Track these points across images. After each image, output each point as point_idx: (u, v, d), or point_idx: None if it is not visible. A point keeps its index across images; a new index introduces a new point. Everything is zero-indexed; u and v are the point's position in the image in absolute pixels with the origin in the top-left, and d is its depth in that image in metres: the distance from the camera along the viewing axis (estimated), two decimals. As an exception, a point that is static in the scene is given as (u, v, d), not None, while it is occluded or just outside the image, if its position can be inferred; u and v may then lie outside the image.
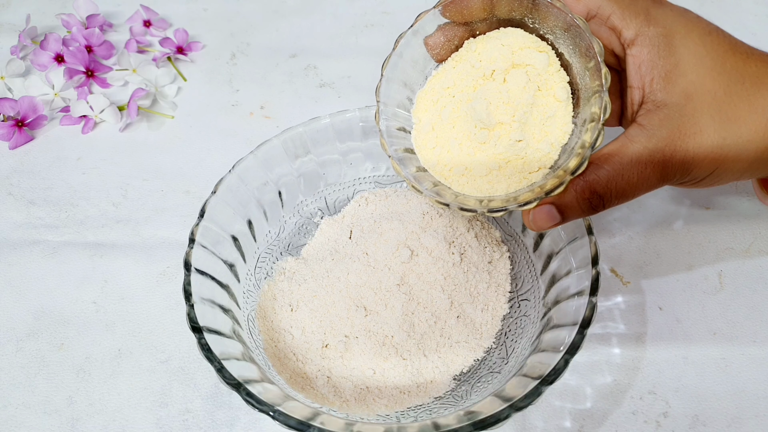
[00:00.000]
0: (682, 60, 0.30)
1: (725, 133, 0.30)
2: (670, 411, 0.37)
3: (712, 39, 0.31)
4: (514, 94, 0.32)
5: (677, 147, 0.30)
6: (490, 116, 0.32)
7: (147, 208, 0.49)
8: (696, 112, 0.30)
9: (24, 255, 0.46)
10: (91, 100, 0.55)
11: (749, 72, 0.30)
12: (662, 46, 0.30)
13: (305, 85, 0.59)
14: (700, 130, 0.30)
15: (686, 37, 0.30)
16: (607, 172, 0.30)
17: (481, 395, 0.33)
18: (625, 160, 0.30)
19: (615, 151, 0.30)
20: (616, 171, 0.30)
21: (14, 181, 0.52)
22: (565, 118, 0.31)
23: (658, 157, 0.30)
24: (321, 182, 0.44)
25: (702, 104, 0.30)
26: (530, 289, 0.39)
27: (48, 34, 0.59)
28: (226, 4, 0.68)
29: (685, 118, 0.29)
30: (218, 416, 0.37)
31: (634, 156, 0.30)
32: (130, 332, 0.41)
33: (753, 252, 0.44)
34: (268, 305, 0.39)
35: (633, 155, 0.30)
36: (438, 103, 0.35)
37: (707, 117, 0.30)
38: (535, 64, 0.32)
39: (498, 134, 0.32)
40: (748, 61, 0.31)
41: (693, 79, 0.30)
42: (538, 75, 0.32)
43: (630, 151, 0.30)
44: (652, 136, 0.30)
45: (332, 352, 0.36)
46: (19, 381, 0.39)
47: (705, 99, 0.30)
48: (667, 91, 0.30)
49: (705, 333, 0.40)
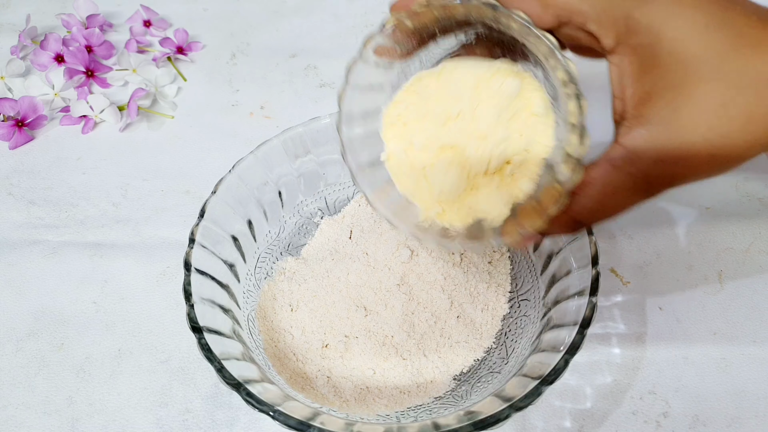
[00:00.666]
0: (670, 71, 0.25)
1: (719, 149, 0.26)
2: (670, 411, 0.37)
3: (712, 34, 0.25)
4: (487, 129, 0.29)
5: (665, 172, 0.26)
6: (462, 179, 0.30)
7: (147, 208, 0.49)
8: (685, 128, 0.26)
9: (24, 255, 0.46)
10: (91, 100, 0.55)
11: (754, 68, 0.25)
12: (646, 58, 0.26)
13: (305, 85, 0.59)
14: (688, 151, 0.26)
15: (676, 39, 0.25)
16: (590, 201, 0.28)
17: (481, 395, 0.33)
18: (609, 190, 0.27)
19: (598, 179, 0.27)
20: (598, 201, 0.27)
21: (14, 181, 0.52)
22: (546, 132, 0.29)
23: (642, 184, 0.27)
24: (321, 182, 0.44)
25: (692, 117, 0.25)
26: (530, 289, 0.39)
27: (48, 34, 0.59)
28: (226, 4, 0.68)
29: (672, 139, 0.26)
30: (218, 416, 0.37)
31: (617, 185, 0.27)
32: (130, 332, 0.41)
33: (753, 252, 0.44)
34: (268, 305, 0.39)
35: (616, 183, 0.27)
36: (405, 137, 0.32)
37: (698, 133, 0.26)
38: (505, 93, 0.29)
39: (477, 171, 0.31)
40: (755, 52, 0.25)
41: (682, 91, 0.25)
42: (510, 101, 0.29)
43: (613, 180, 0.27)
44: (635, 161, 0.26)
45: (332, 352, 0.36)
46: (19, 381, 0.39)
47: (695, 109, 0.25)
48: (651, 106, 0.26)
49: (705, 333, 0.40)
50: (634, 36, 0.25)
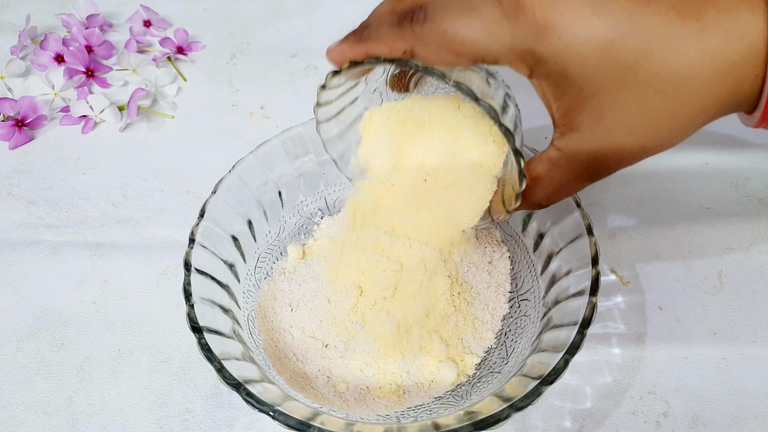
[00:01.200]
0: (584, 87, 0.27)
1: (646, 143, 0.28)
2: (670, 411, 0.37)
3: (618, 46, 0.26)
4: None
5: (599, 165, 0.29)
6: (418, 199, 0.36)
7: (147, 208, 0.49)
8: (610, 132, 0.28)
9: (24, 255, 0.46)
10: (91, 100, 0.55)
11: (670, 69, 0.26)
12: (560, 80, 0.27)
13: (305, 85, 0.59)
14: (617, 148, 0.28)
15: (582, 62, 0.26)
16: (543, 193, 0.31)
17: (481, 395, 0.33)
18: (555, 183, 0.30)
19: (543, 175, 0.30)
20: (550, 192, 0.31)
21: (14, 181, 0.52)
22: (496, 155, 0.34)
23: (583, 175, 0.30)
24: (321, 182, 0.44)
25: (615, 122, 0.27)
26: (530, 289, 0.39)
27: (48, 34, 0.59)
28: (226, 4, 0.68)
29: (600, 140, 0.28)
30: (218, 416, 0.37)
31: (562, 179, 0.30)
32: (130, 332, 0.41)
33: (753, 252, 0.44)
34: (268, 305, 0.39)
35: (561, 179, 0.30)
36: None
37: (624, 134, 0.28)
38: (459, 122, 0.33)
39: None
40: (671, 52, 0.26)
41: (600, 101, 0.27)
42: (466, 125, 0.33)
43: (557, 176, 0.30)
44: (571, 160, 0.29)
45: (332, 352, 0.36)
46: (19, 381, 0.39)
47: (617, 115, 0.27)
48: (576, 116, 0.28)
49: (705, 333, 0.40)
50: (544, 65, 0.27)
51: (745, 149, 0.51)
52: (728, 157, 0.50)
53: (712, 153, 0.50)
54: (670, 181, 0.49)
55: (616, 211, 0.47)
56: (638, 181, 0.49)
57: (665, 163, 0.50)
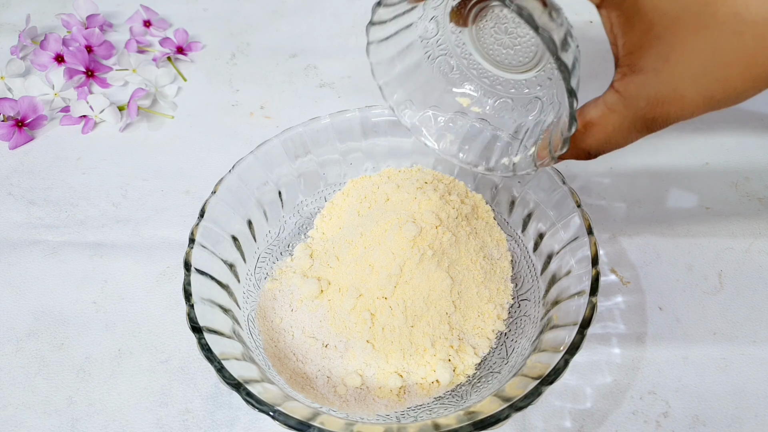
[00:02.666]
0: (655, 23, 0.26)
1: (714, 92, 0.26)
2: (670, 411, 0.37)
3: None
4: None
5: (658, 114, 0.27)
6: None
7: (147, 208, 0.49)
8: (676, 76, 0.26)
9: (24, 255, 0.46)
10: (91, 100, 0.55)
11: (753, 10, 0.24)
12: (631, 12, 0.26)
13: (305, 85, 0.59)
14: (681, 95, 0.26)
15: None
16: (594, 140, 0.30)
17: (481, 395, 0.33)
18: (608, 129, 0.29)
19: (597, 120, 0.29)
20: (602, 139, 0.30)
21: (14, 181, 0.52)
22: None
23: (640, 124, 0.28)
24: (321, 182, 0.44)
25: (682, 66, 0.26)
26: (530, 289, 0.39)
27: (48, 34, 0.59)
28: (226, 4, 0.68)
29: (664, 85, 0.26)
30: (218, 416, 0.37)
31: (615, 125, 0.29)
32: (130, 332, 0.41)
33: (753, 252, 0.44)
34: (268, 305, 0.39)
35: (615, 125, 0.29)
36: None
37: (690, 80, 0.26)
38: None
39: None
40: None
41: (670, 40, 0.26)
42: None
43: (611, 121, 0.29)
44: (629, 105, 0.28)
45: (332, 352, 0.36)
46: (19, 381, 0.39)
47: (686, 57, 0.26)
48: (641, 56, 0.27)
49: (705, 333, 0.40)
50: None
51: (745, 149, 0.51)
52: (728, 157, 0.50)
53: (712, 153, 0.50)
54: (670, 181, 0.49)
55: (616, 211, 0.47)
56: (638, 181, 0.49)
57: (665, 163, 0.50)
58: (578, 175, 0.49)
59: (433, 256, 0.37)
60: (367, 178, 0.44)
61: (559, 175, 0.38)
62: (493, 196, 0.43)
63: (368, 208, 0.41)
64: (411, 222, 0.37)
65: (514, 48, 0.34)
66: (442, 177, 0.43)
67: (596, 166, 0.49)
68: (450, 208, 0.39)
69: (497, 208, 0.43)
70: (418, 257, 0.36)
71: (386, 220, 0.38)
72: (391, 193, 0.41)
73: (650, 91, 0.27)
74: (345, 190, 0.44)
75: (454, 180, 0.44)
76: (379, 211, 0.40)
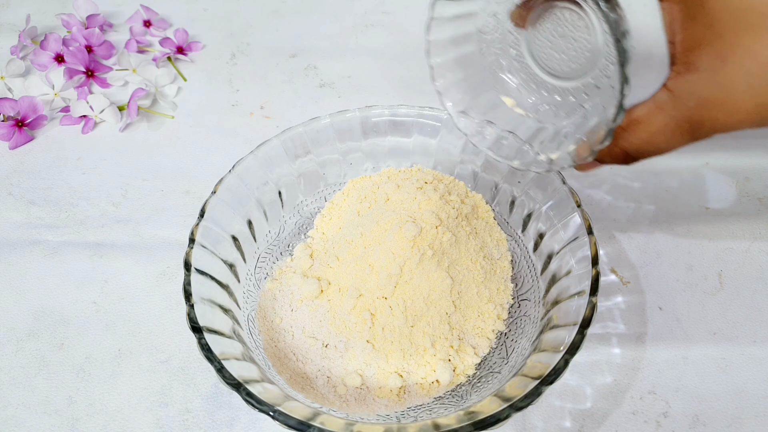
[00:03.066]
0: (717, 20, 0.25)
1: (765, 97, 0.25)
2: (670, 411, 0.37)
3: None
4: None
5: (705, 117, 0.27)
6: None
7: (147, 208, 0.49)
8: (731, 79, 0.25)
9: (24, 255, 0.46)
10: (91, 100, 0.55)
11: None
12: (694, 6, 0.26)
13: (305, 85, 0.59)
14: (733, 99, 0.26)
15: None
16: (637, 139, 0.29)
17: (481, 395, 0.33)
18: (653, 129, 0.28)
19: (643, 118, 0.28)
20: (644, 139, 0.29)
21: (14, 181, 0.52)
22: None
23: (686, 126, 0.27)
24: (321, 182, 0.44)
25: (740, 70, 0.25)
26: (530, 289, 0.39)
27: (48, 34, 0.59)
28: (226, 4, 0.68)
29: (717, 87, 0.26)
30: (218, 416, 0.37)
31: (661, 125, 0.28)
32: (130, 332, 0.41)
33: (753, 252, 0.44)
34: (268, 305, 0.39)
35: (660, 124, 0.28)
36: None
37: (745, 85, 0.25)
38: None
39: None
40: None
41: (731, 39, 0.25)
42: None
43: (657, 120, 0.28)
44: (678, 105, 0.27)
45: (332, 352, 0.36)
46: (19, 381, 0.39)
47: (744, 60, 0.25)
48: (699, 54, 0.26)
49: (705, 333, 0.40)
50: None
51: (745, 149, 0.51)
52: (728, 157, 0.50)
53: (712, 153, 0.50)
54: (670, 181, 0.49)
55: (616, 211, 0.47)
56: (638, 181, 0.49)
57: (665, 163, 0.50)
58: (578, 176, 0.49)
59: (433, 256, 0.37)
60: (367, 178, 0.44)
61: (559, 175, 0.38)
62: (493, 196, 0.43)
63: (368, 208, 0.41)
64: (411, 222, 0.37)
65: (567, 53, 0.34)
66: (442, 177, 0.43)
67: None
68: (450, 208, 0.39)
69: (497, 208, 0.43)
70: (418, 257, 0.36)
71: (386, 220, 0.38)
72: (391, 193, 0.41)
73: (702, 92, 0.26)
74: (345, 190, 0.44)
75: (454, 180, 0.44)
76: (379, 211, 0.40)
